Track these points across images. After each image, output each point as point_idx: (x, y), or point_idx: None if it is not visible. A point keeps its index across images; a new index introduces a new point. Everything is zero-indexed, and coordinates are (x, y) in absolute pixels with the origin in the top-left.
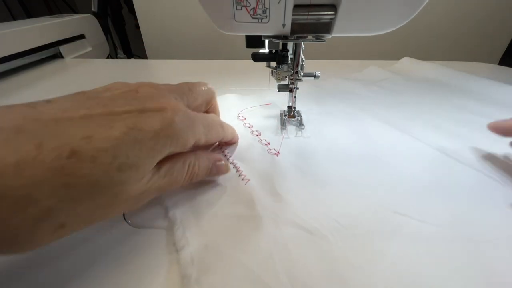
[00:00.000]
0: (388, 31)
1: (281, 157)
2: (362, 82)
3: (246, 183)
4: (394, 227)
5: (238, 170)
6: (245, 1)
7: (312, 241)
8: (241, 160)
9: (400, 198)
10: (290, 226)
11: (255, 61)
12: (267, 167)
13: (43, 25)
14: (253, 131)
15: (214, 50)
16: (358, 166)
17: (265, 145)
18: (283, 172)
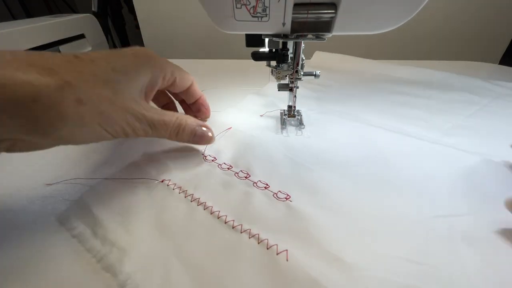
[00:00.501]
0: (388, 30)
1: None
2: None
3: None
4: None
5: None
6: (245, 0)
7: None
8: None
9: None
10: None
11: (255, 60)
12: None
13: (43, 25)
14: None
15: (214, 49)
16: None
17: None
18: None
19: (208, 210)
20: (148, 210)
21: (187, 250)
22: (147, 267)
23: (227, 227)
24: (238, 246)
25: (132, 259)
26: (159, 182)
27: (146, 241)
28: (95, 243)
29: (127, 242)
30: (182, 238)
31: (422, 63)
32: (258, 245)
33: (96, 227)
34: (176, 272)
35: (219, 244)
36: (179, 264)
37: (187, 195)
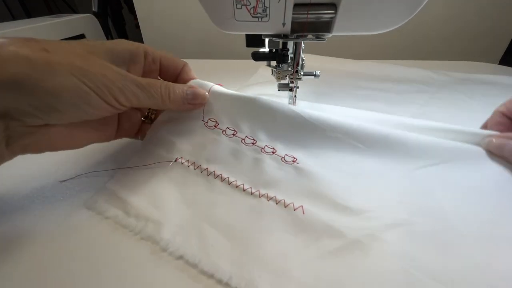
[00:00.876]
0: (388, 30)
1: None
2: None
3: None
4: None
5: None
6: (245, 0)
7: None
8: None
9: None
10: None
11: (255, 60)
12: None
13: (43, 25)
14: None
15: (214, 49)
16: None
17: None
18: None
19: (226, 181)
20: (170, 189)
21: (215, 216)
22: (183, 232)
23: (246, 194)
24: (259, 208)
25: (168, 228)
26: (173, 162)
27: (176, 213)
28: (129, 220)
29: (159, 216)
30: (208, 207)
31: (422, 63)
32: (276, 205)
33: (127, 208)
34: (209, 232)
35: (242, 209)
36: (210, 227)
37: (202, 169)
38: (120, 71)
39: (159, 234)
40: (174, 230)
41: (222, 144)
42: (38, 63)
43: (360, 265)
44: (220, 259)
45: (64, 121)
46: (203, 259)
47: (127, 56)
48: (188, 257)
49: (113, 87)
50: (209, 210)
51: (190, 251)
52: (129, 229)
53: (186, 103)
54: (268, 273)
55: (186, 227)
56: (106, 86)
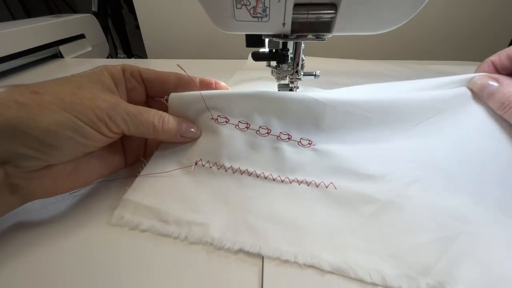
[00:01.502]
0: (388, 30)
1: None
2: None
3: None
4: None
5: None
6: (245, 0)
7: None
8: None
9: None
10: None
11: (255, 61)
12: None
13: (43, 25)
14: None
15: (214, 49)
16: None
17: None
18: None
19: (253, 175)
20: (201, 191)
21: (255, 208)
22: (231, 228)
23: (276, 183)
24: (294, 193)
25: (216, 227)
26: (194, 166)
27: (216, 213)
28: (170, 228)
29: (201, 218)
30: (245, 202)
31: (422, 63)
32: (308, 187)
33: (164, 216)
34: (257, 223)
35: (278, 196)
36: (256, 218)
37: (227, 168)
38: (110, 99)
39: (209, 235)
40: (222, 228)
41: (238, 139)
42: (30, 105)
43: (398, 221)
44: (279, 243)
45: (63, 158)
46: (263, 246)
47: (111, 81)
48: (247, 248)
49: (104, 117)
50: (247, 204)
51: (247, 243)
52: (173, 237)
53: (179, 136)
54: (326, 246)
55: (231, 223)
56: (98, 117)
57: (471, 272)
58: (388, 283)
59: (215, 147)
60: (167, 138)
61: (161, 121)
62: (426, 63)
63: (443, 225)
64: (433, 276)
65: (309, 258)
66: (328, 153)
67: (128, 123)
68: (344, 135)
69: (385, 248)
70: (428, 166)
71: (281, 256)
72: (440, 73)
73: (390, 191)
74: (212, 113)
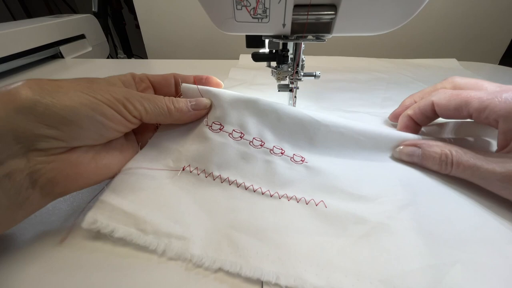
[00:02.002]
0: (388, 31)
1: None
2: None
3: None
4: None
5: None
6: (245, 1)
7: None
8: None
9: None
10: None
11: (255, 61)
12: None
13: (43, 25)
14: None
15: (214, 50)
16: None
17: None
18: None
19: (242, 186)
20: (184, 199)
21: (240, 222)
22: (212, 244)
23: (265, 197)
24: (282, 209)
25: (196, 242)
26: (181, 172)
27: (199, 225)
28: (147, 239)
29: (182, 231)
30: (230, 214)
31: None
32: (298, 203)
33: (141, 225)
34: (240, 238)
35: (266, 211)
36: (239, 233)
37: (215, 177)
38: (123, 87)
39: (188, 251)
40: (203, 244)
41: (230, 148)
42: (48, 87)
43: (389, 244)
44: (261, 262)
45: (84, 139)
46: (243, 266)
47: (120, 83)
48: (227, 268)
49: (122, 99)
50: (232, 217)
51: (228, 261)
52: (150, 248)
53: (191, 110)
54: (311, 266)
55: (214, 238)
56: (115, 98)
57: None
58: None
59: (206, 154)
60: (182, 117)
61: (171, 102)
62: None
63: (437, 252)
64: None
65: (292, 280)
66: (320, 171)
67: (145, 106)
68: (337, 154)
69: (375, 272)
70: (420, 192)
71: (261, 277)
72: (423, 66)
73: (382, 213)
74: (207, 119)
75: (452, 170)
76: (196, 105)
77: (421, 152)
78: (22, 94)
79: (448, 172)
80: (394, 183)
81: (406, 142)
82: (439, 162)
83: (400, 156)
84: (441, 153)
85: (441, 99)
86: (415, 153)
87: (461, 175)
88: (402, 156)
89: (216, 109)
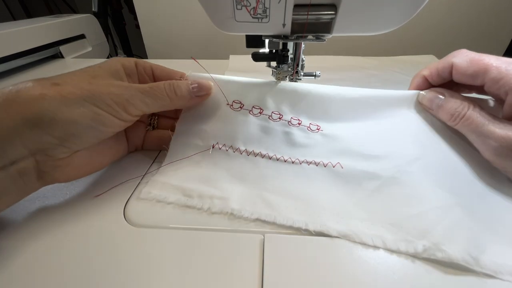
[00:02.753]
0: (388, 30)
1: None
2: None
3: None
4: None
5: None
6: (245, 1)
7: None
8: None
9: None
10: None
11: (255, 61)
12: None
13: (43, 25)
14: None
15: (214, 50)
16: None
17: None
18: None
19: (266, 157)
20: (219, 173)
21: (269, 186)
22: (248, 202)
23: (287, 164)
24: (303, 172)
25: (234, 200)
26: (212, 149)
27: (235, 189)
28: (194, 201)
29: (221, 193)
30: (259, 181)
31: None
32: (317, 167)
33: (187, 192)
34: (271, 198)
35: (290, 175)
36: (270, 194)
37: (242, 151)
38: (123, 83)
39: (229, 206)
40: (240, 201)
41: (251, 124)
42: (53, 98)
43: (399, 194)
44: (292, 214)
45: (85, 145)
46: (277, 216)
47: (123, 71)
48: (264, 218)
49: (122, 101)
50: (262, 182)
51: (263, 213)
52: (197, 208)
53: (194, 96)
54: (332, 215)
55: (248, 197)
56: (116, 102)
57: (464, 235)
58: (388, 246)
59: (231, 132)
60: (183, 103)
61: (172, 88)
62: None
63: (441, 196)
64: (429, 239)
65: (318, 226)
66: (336, 137)
67: (147, 101)
68: (351, 119)
69: (386, 218)
70: (428, 146)
71: (293, 224)
72: (406, 62)
73: (392, 168)
74: (227, 98)
75: (460, 122)
76: (199, 89)
77: (443, 101)
78: (33, 107)
79: (455, 124)
80: (404, 140)
81: (434, 88)
82: (451, 115)
83: (421, 99)
84: (456, 108)
85: (462, 62)
86: (436, 101)
87: (464, 128)
88: (423, 100)
89: (235, 88)
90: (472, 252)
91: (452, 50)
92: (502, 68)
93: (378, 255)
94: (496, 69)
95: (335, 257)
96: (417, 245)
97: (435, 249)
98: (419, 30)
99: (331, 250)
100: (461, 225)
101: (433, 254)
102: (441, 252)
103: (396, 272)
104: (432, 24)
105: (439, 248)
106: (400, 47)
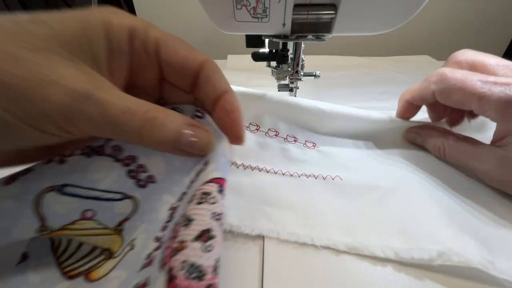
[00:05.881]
0: (388, 31)
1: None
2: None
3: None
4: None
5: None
6: (245, 1)
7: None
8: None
9: None
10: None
11: (255, 61)
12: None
13: None
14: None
15: (214, 49)
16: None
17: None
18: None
19: (263, 170)
20: None
21: (267, 198)
22: (248, 216)
23: (285, 176)
24: (302, 185)
25: (232, 215)
26: None
27: (232, 203)
28: None
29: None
30: (258, 194)
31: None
32: (316, 180)
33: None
34: (271, 211)
35: (288, 187)
36: (269, 206)
37: (238, 165)
38: (78, 83)
39: (227, 222)
40: (240, 216)
41: (248, 139)
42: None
43: (402, 201)
44: (294, 227)
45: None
46: (280, 231)
47: (100, 45)
48: (265, 233)
49: (56, 115)
50: (260, 195)
51: (265, 228)
52: None
53: (179, 149)
54: (338, 229)
55: (247, 211)
56: (45, 114)
57: (474, 239)
58: (401, 256)
59: (227, 147)
60: (161, 151)
61: (148, 126)
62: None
63: (444, 201)
64: (442, 243)
65: (325, 240)
66: (330, 154)
67: (99, 126)
68: (345, 140)
69: (393, 226)
70: (422, 164)
71: (298, 240)
72: (400, 61)
73: (391, 179)
74: None
75: (446, 158)
76: (190, 146)
77: (423, 139)
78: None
79: (444, 159)
80: (396, 164)
81: (409, 129)
82: (435, 151)
83: (405, 137)
84: (436, 145)
85: (443, 91)
86: (418, 139)
87: (453, 163)
88: (407, 139)
89: None
90: (486, 257)
91: (451, 50)
92: (486, 94)
93: (380, 263)
94: (479, 97)
95: (336, 262)
96: (431, 251)
97: (450, 254)
98: (418, 30)
99: (331, 252)
100: (469, 229)
101: (449, 259)
102: (457, 256)
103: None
104: (431, 25)
105: (454, 253)
106: (399, 47)
